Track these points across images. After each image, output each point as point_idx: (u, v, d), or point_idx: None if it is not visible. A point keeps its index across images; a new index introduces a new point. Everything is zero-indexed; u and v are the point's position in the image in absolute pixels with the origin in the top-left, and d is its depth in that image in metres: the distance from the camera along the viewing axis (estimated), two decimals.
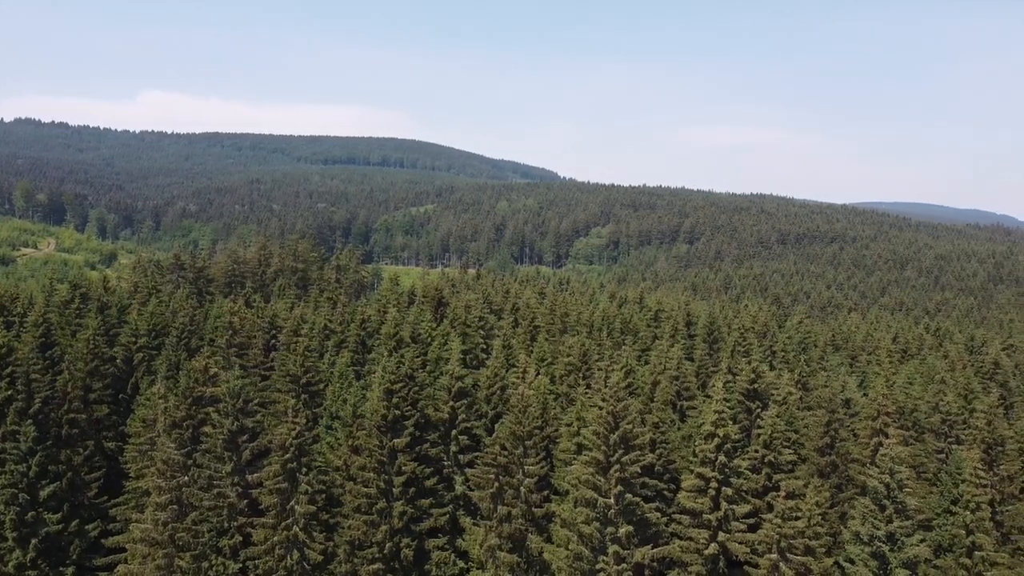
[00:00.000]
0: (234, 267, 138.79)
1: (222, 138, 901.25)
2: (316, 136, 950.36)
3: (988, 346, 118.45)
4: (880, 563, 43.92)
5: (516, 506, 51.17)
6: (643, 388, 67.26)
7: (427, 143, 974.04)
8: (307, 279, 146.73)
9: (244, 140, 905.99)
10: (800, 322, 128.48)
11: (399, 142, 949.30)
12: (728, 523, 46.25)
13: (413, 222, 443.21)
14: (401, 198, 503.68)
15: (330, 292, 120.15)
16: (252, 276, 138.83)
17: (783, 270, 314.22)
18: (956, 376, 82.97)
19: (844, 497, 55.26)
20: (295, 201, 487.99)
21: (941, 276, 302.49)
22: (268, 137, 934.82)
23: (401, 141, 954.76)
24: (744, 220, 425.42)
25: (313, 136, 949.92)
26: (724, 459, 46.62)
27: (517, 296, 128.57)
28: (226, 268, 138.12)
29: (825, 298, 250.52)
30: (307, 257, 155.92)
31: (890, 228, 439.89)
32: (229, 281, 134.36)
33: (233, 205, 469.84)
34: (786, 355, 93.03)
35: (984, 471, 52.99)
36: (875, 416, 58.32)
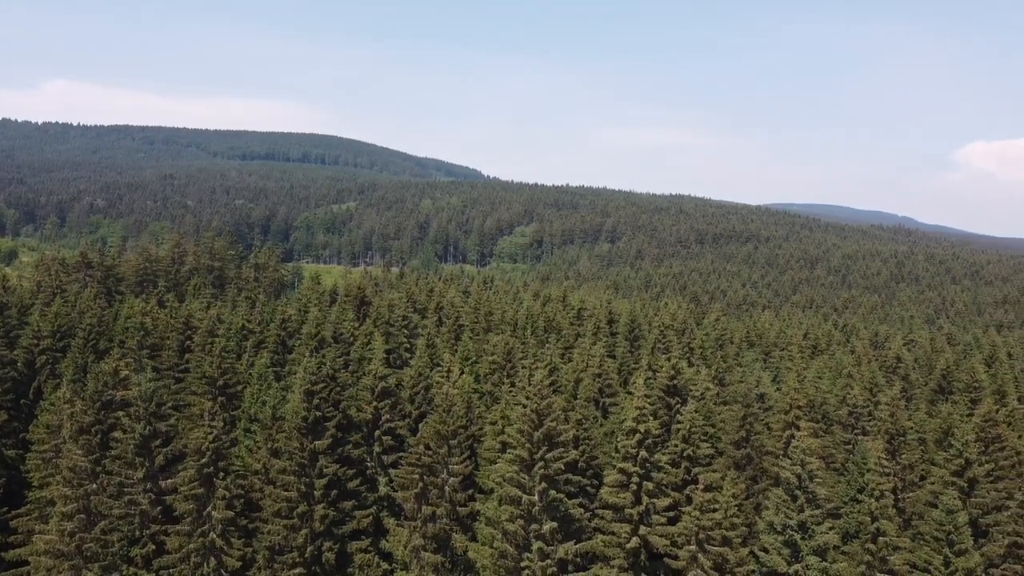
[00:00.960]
0: (146, 265, 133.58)
1: (133, 131, 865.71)
2: (234, 131, 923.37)
3: (891, 341, 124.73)
4: (792, 551, 45.66)
5: (441, 506, 50.96)
6: (567, 386, 67.98)
7: (349, 140, 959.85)
8: (224, 278, 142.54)
9: (157, 133, 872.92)
10: (717, 319, 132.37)
11: (320, 138, 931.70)
12: (649, 517, 47.19)
13: (335, 220, 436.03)
14: (323, 195, 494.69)
15: (248, 291, 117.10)
16: (165, 275, 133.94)
17: (701, 269, 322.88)
18: (862, 370, 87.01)
19: (759, 488, 57.14)
20: (211, 197, 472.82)
21: (848, 275, 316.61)
22: (182, 131, 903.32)
23: (323, 137, 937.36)
24: (664, 220, 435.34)
25: (231, 131, 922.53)
26: (645, 454, 47.53)
27: (441, 295, 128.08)
28: (137, 267, 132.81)
29: (741, 296, 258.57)
30: (224, 255, 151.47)
31: (801, 229, 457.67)
32: (141, 280, 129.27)
33: (145, 201, 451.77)
34: (704, 352, 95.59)
35: (887, 460, 55.73)
36: (787, 410, 60.53)
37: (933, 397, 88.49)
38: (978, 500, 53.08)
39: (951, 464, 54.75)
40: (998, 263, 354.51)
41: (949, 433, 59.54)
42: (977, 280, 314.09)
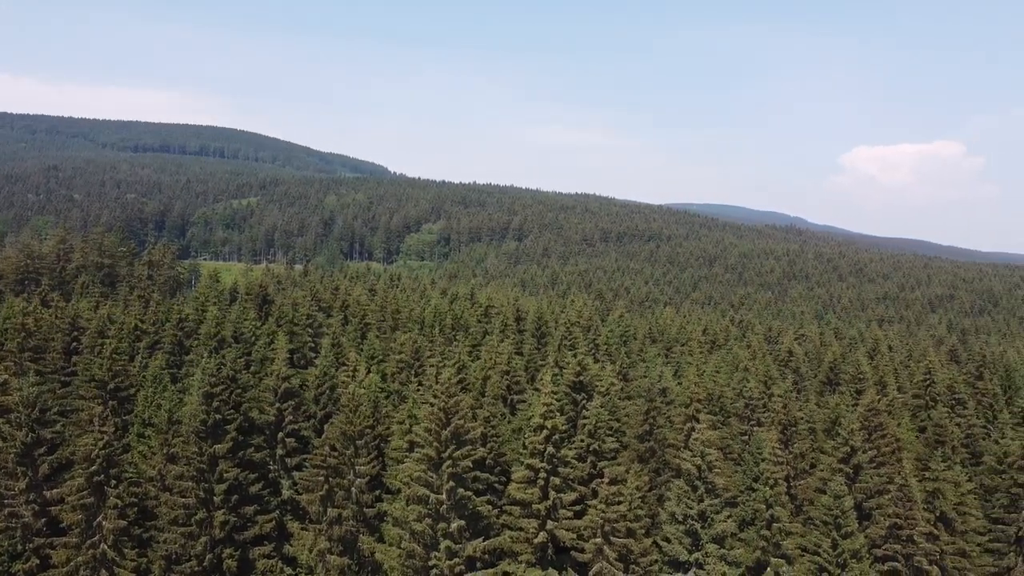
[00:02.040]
0: (27, 263, 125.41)
1: (12, 119, 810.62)
2: (125, 121, 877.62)
3: (783, 336, 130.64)
4: (693, 540, 47.24)
5: (347, 507, 50.13)
6: (475, 383, 68.06)
7: (250, 133, 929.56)
8: (115, 276, 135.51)
9: (39, 122, 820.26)
10: (621, 316, 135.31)
11: (219, 131, 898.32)
12: (556, 511, 47.83)
13: (235, 215, 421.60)
14: (222, 190, 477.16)
15: (141, 290, 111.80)
16: (49, 273, 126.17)
17: (606, 267, 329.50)
18: (757, 364, 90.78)
19: (661, 480, 58.80)
20: (100, 191, 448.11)
21: (744, 272, 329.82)
22: (68, 120, 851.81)
23: (221, 130, 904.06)
24: (570, 219, 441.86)
25: (121, 121, 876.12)
26: (552, 450, 48.13)
27: (347, 293, 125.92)
28: (18, 264, 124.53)
29: (644, 293, 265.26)
30: (115, 252, 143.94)
31: (700, 228, 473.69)
32: (21, 278, 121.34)
33: (26, 194, 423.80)
34: (609, 348, 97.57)
35: (781, 450, 58.39)
36: (688, 403, 62.53)
37: (822, 388, 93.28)
38: (862, 485, 56.32)
39: (838, 452, 57.87)
40: (880, 261, 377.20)
41: (836, 422, 62.90)
42: (861, 277, 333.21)
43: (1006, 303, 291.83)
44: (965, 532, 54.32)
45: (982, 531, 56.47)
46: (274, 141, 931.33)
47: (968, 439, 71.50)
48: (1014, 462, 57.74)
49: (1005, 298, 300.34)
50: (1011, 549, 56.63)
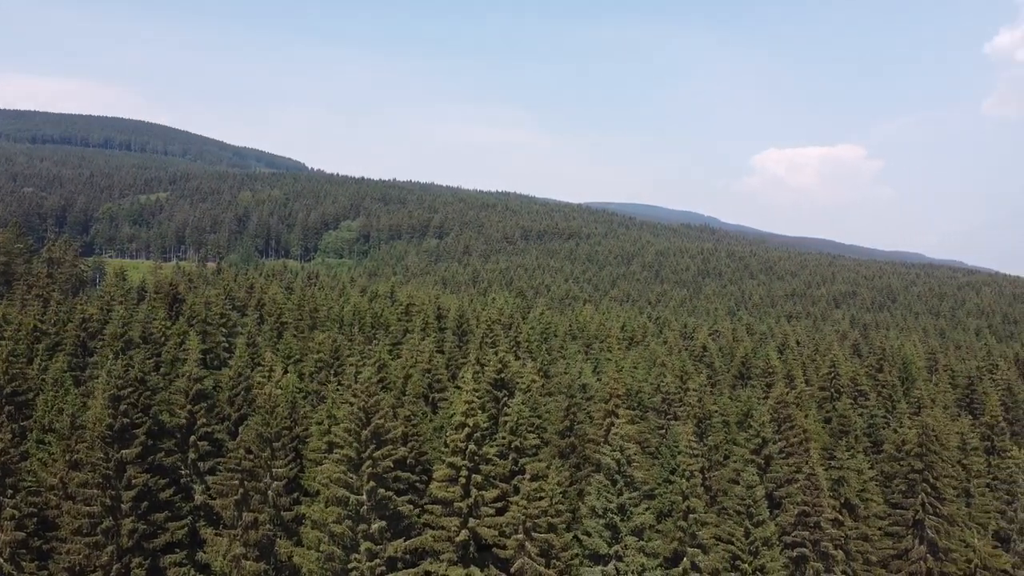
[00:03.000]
0: None
1: None
2: (21, 110, 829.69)
3: (698, 332, 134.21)
4: (612, 533, 47.97)
5: (263, 511, 48.87)
6: (395, 382, 67.38)
7: (159, 125, 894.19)
8: (11, 274, 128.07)
9: None
10: (542, 313, 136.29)
11: (125, 122, 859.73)
12: (478, 509, 47.82)
13: (143, 211, 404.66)
14: (128, 184, 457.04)
15: (40, 288, 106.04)
16: None
17: (526, 264, 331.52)
18: (673, 360, 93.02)
19: (582, 475, 59.56)
20: None
21: (661, 270, 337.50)
22: None
23: (128, 122, 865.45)
24: (491, 217, 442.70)
25: (17, 110, 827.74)
26: (474, 447, 48.10)
27: (263, 291, 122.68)
28: None
29: (564, 291, 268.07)
30: (10, 248, 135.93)
31: (618, 227, 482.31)
32: None
33: None
34: (530, 345, 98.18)
35: (696, 443, 59.88)
36: (607, 399, 63.53)
37: (734, 382, 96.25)
38: (773, 475, 58.45)
39: (750, 443, 59.88)
40: (788, 260, 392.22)
41: (748, 415, 64.96)
42: (771, 275, 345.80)
43: (903, 299, 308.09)
44: (867, 517, 57.03)
45: (882, 515, 59.41)
46: (185, 134, 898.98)
47: (870, 428, 75.07)
48: (911, 449, 60.95)
49: (902, 294, 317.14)
50: (909, 532, 59.79)
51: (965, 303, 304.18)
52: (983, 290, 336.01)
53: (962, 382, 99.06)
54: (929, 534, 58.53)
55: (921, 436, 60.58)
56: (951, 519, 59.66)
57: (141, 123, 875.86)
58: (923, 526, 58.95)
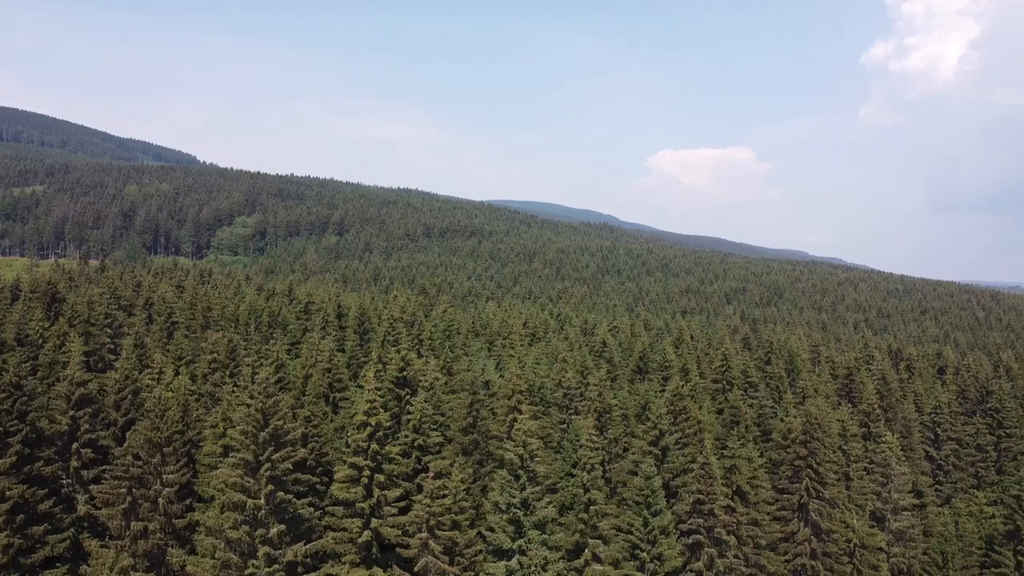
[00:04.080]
0: None
1: None
2: None
3: (598, 328, 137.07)
4: (516, 528, 48.39)
5: (154, 520, 46.71)
6: (295, 382, 65.76)
7: (35, 114, 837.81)
8: None
9: None
10: (445, 311, 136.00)
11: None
12: (381, 509, 47.27)
13: (16, 205, 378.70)
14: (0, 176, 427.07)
15: None
16: None
17: (429, 262, 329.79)
18: (574, 355, 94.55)
19: (485, 471, 59.77)
20: None
21: (562, 267, 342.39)
22: None
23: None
24: (392, 213, 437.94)
25: None
26: (376, 447, 47.51)
27: (151, 290, 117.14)
28: None
29: (466, 288, 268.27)
30: None
31: (520, 224, 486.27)
32: None
33: None
34: (432, 343, 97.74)
35: (597, 436, 61.18)
36: (510, 395, 63.97)
37: (633, 376, 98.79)
38: (669, 465, 60.32)
39: (648, 435, 61.60)
40: (683, 257, 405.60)
41: (646, 408, 66.81)
42: (667, 272, 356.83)
43: (789, 295, 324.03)
44: (757, 503, 59.69)
45: (771, 501, 62.34)
46: (64, 124, 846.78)
47: (759, 418, 78.62)
48: (796, 437, 64.21)
49: (788, 290, 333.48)
50: (795, 515, 62.99)
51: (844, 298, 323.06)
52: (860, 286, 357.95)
53: (842, 372, 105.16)
54: (813, 517, 61.85)
55: (805, 425, 63.91)
56: (832, 502, 63.23)
57: (15, 111, 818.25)
58: (807, 509, 62.22)
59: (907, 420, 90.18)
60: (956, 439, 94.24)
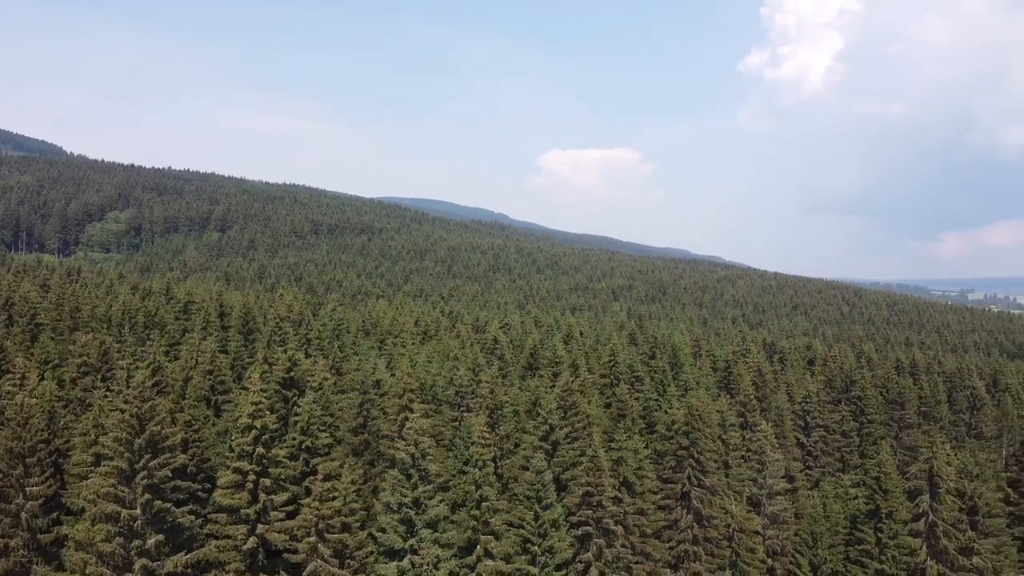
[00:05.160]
0: None
1: None
2: None
3: (490, 325, 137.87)
4: (408, 527, 48.07)
5: (16, 536, 43.56)
6: (173, 385, 62.83)
7: None
8: None
9: None
10: (334, 310, 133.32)
11: None
12: (267, 514, 45.88)
13: None
14: None
15: None
16: None
17: (317, 260, 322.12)
18: (466, 353, 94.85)
19: (376, 472, 59.08)
20: None
21: (453, 265, 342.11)
22: None
23: None
24: (278, 209, 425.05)
25: None
26: (262, 450, 46.08)
27: (11, 289, 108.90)
28: None
29: (356, 286, 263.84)
30: None
31: (411, 222, 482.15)
32: None
33: None
34: (321, 342, 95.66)
35: (488, 433, 61.51)
36: (401, 394, 63.47)
37: (524, 373, 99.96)
38: (560, 459, 61.46)
39: (539, 430, 62.51)
40: (572, 255, 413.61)
41: (536, 403, 67.72)
42: (557, 270, 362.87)
43: (672, 292, 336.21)
44: (643, 493, 61.65)
45: (655, 490, 64.53)
46: None
47: (645, 411, 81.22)
48: (679, 428, 66.75)
49: (672, 287, 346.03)
50: (678, 504, 65.47)
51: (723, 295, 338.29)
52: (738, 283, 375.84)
53: (721, 365, 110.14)
54: (695, 504, 64.48)
55: (688, 416, 66.55)
56: (713, 489, 66.11)
57: None
58: (690, 498, 64.82)
59: (780, 409, 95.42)
60: (824, 426, 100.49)
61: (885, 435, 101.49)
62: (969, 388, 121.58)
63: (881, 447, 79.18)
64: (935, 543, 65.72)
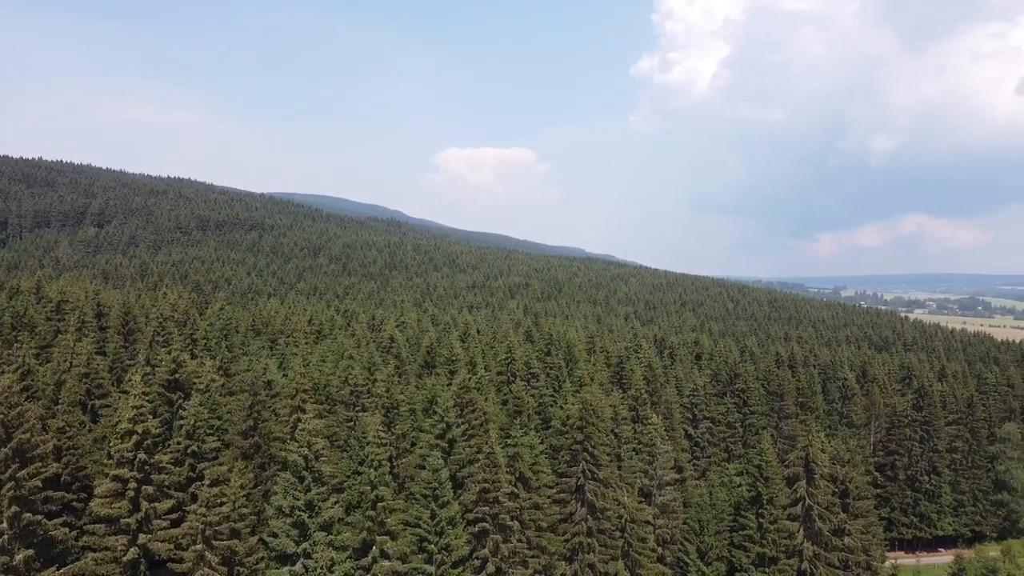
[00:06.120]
0: None
1: None
2: None
3: (386, 324, 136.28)
4: (300, 531, 46.98)
5: None
6: (45, 390, 59.04)
7: None
8: None
9: None
10: (222, 309, 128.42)
11: None
12: (149, 523, 43.87)
13: None
14: None
15: None
16: None
17: (204, 257, 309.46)
18: (361, 352, 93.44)
19: (267, 475, 57.39)
20: None
21: (348, 263, 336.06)
22: None
23: None
24: (161, 204, 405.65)
25: None
26: (144, 456, 44.00)
27: None
28: None
29: (246, 284, 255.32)
30: None
31: (304, 218, 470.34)
32: None
33: None
34: (208, 342, 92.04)
35: (384, 432, 60.96)
36: (293, 394, 61.93)
37: (421, 371, 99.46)
38: (456, 457, 61.51)
39: (435, 429, 62.35)
40: (469, 253, 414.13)
41: (433, 402, 67.55)
42: (454, 268, 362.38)
43: (567, 289, 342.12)
44: (538, 487, 62.56)
45: (551, 485, 65.62)
46: None
47: (540, 407, 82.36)
48: (574, 423, 68.10)
49: (567, 285, 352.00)
50: (573, 497, 66.80)
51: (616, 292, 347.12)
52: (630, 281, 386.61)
53: (614, 361, 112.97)
54: (589, 497, 65.97)
55: (582, 411, 67.98)
56: (606, 482, 67.84)
57: None
58: (584, 491, 66.26)
59: (669, 402, 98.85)
60: (710, 418, 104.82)
61: (766, 425, 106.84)
62: (841, 379, 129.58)
63: (762, 437, 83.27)
64: (811, 526, 69.78)
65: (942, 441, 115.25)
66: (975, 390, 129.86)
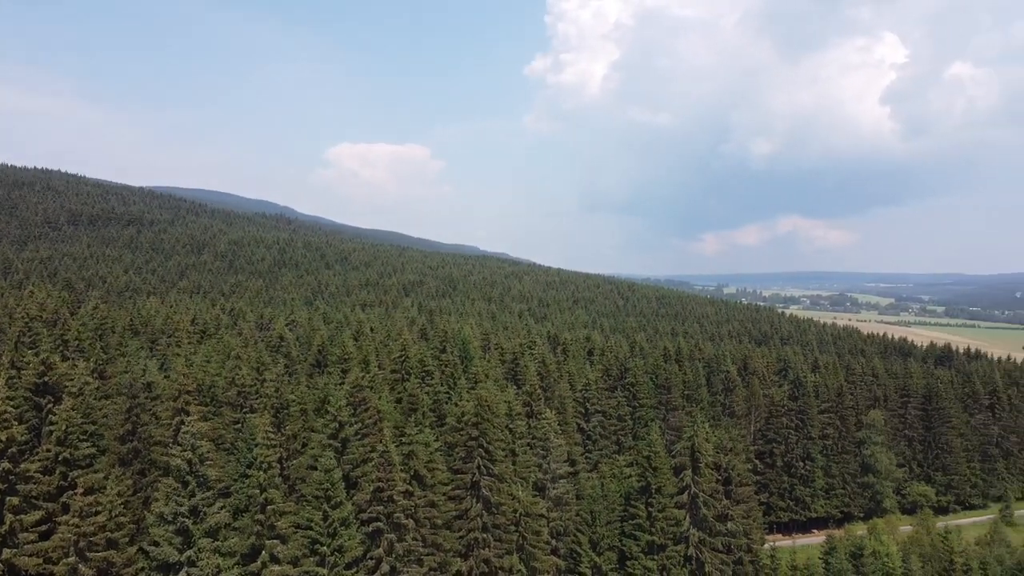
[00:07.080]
0: None
1: None
2: None
3: (275, 322, 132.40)
4: (184, 538, 44.98)
5: None
6: None
7: None
8: None
9: None
10: (96, 308, 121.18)
11: None
12: (15, 536, 40.94)
13: None
14: None
15: None
16: None
17: (75, 253, 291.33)
18: (249, 351, 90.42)
19: (148, 481, 54.72)
20: None
21: (235, 260, 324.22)
22: None
23: None
24: (27, 197, 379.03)
25: None
26: (8, 465, 41.04)
27: None
28: None
29: (123, 282, 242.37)
30: None
31: (187, 213, 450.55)
32: None
33: None
34: (81, 343, 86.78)
35: (274, 433, 59.20)
36: (176, 396, 59.28)
37: (312, 370, 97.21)
38: (350, 457, 60.49)
39: (327, 428, 61.09)
40: (362, 251, 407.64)
41: (325, 401, 66.12)
42: (346, 265, 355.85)
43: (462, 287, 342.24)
44: (433, 485, 62.33)
45: (446, 482, 65.51)
46: None
47: (435, 404, 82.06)
48: (469, 420, 68.25)
49: (461, 283, 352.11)
50: (468, 493, 66.91)
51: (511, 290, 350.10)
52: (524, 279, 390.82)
53: (509, 358, 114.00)
54: (484, 493, 66.27)
55: (477, 408, 68.20)
56: (501, 477, 68.33)
57: None
58: (479, 487, 66.51)
59: (563, 397, 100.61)
60: (602, 411, 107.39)
61: (655, 417, 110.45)
62: (724, 372, 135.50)
63: (651, 428, 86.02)
64: (696, 513, 72.66)
65: (815, 428, 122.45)
66: (844, 380, 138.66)
